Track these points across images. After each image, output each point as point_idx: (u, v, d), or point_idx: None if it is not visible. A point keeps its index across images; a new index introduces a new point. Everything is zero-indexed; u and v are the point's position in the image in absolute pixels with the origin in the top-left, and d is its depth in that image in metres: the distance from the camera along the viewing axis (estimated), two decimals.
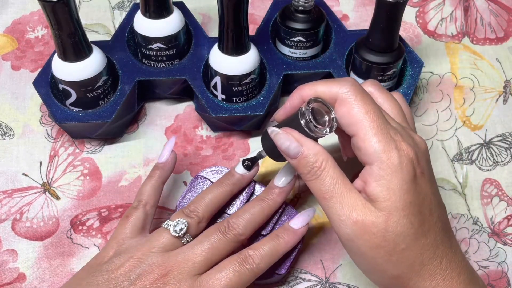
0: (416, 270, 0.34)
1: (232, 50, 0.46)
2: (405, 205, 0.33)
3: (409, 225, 0.33)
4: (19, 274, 0.44)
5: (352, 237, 0.34)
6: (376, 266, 0.34)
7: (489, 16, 0.62)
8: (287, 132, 0.36)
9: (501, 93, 0.56)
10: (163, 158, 0.44)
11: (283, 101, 0.54)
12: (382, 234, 0.33)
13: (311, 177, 0.35)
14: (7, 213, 0.47)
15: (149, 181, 0.43)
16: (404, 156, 0.34)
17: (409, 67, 0.51)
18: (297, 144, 0.35)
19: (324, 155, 0.35)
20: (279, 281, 0.44)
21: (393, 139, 0.34)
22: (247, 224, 0.40)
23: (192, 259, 0.38)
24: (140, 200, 0.42)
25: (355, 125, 0.35)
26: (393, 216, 0.33)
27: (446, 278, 0.34)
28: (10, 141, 0.51)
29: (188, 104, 0.54)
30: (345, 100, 0.35)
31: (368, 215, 0.33)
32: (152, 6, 0.48)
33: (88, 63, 0.46)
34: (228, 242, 0.39)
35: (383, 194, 0.33)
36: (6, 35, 0.57)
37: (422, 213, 0.34)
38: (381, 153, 0.33)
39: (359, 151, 0.35)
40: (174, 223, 0.39)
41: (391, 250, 0.33)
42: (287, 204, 0.44)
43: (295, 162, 0.36)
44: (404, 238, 0.33)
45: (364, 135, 0.34)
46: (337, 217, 0.34)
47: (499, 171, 0.51)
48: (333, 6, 0.61)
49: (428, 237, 0.34)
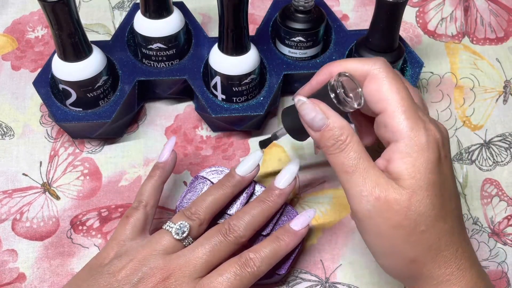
0: (432, 255, 0.34)
1: (232, 50, 0.46)
2: (429, 184, 0.33)
3: (431, 206, 0.33)
4: (19, 274, 0.44)
5: (372, 214, 0.33)
6: (393, 247, 0.34)
7: (489, 16, 0.62)
8: (314, 102, 0.36)
9: (501, 93, 0.56)
10: (163, 158, 0.44)
11: (283, 101, 0.54)
12: (404, 212, 0.33)
13: (335, 150, 0.35)
14: (7, 213, 0.47)
15: (149, 181, 0.43)
16: (432, 136, 0.34)
17: (409, 67, 0.51)
18: (323, 116, 0.35)
19: (350, 130, 0.35)
20: (279, 281, 0.44)
21: (422, 119, 0.34)
22: (248, 226, 0.40)
23: (193, 262, 0.37)
24: (140, 200, 0.41)
25: (384, 101, 0.35)
26: (417, 194, 0.33)
27: (460, 267, 0.34)
28: (10, 141, 0.51)
29: (188, 104, 0.54)
30: (376, 77, 0.35)
31: (391, 192, 0.33)
32: (152, 6, 0.48)
33: (88, 63, 0.46)
34: (229, 245, 0.39)
35: (409, 171, 0.33)
36: (6, 35, 0.57)
37: (443, 196, 0.34)
38: (409, 131, 0.33)
39: (384, 128, 0.35)
40: (176, 226, 0.39)
41: (411, 230, 0.33)
42: (287, 204, 0.44)
43: (318, 135, 0.35)
44: (425, 219, 0.33)
45: (392, 112, 0.34)
46: (359, 193, 0.34)
47: (499, 171, 0.51)
48: (333, 6, 0.61)
49: (446, 222, 0.34)
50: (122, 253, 0.38)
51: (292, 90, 0.53)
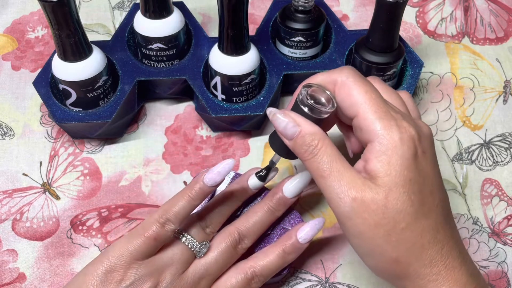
0: (416, 254, 0.33)
1: (232, 50, 0.46)
2: (405, 181, 0.33)
3: (409, 202, 0.33)
4: (19, 274, 0.44)
5: (351, 215, 0.33)
6: (375, 248, 0.34)
7: (489, 16, 0.62)
8: (284, 112, 0.36)
9: (501, 93, 0.56)
10: (213, 181, 0.39)
11: (283, 101, 0.54)
12: (382, 211, 0.33)
13: (308, 156, 0.35)
14: (7, 213, 0.47)
15: (189, 202, 0.39)
16: (405, 133, 0.34)
17: (409, 67, 0.51)
18: (294, 124, 0.36)
19: (321, 135, 0.35)
20: (279, 281, 0.44)
21: (394, 117, 0.34)
22: (256, 236, 0.41)
23: (207, 277, 0.39)
24: (172, 221, 0.38)
25: (355, 105, 0.35)
26: (393, 192, 0.33)
27: (447, 266, 0.34)
28: (10, 141, 0.51)
29: (188, 104, 0.54)
30: (345, 83, 0.36)
31: (367, 192, 0.33)
32: (152, 6, 0.48)
33: (88, 63, 0.46)
34: (238, 255, 0.41)
35: (384, 169, 0.33)
36: (6, 35, 0.57)
37: (422, 193, 0.34)
38: (381, 130, 0.34)
39: (360, 131, 0.35)
40: (201, 246, 0.39)
41: (390, 229, 0.33)
42: None
43: (292, 143, 0.36)
44: (404, 216, 0.33)
45: (364, 114, 0.34)
46: (336, 195, 0.34)
47: (499, 171, 0.51)
48: (333, 6, 0.61)
49: (428, 219, 0.34)
50: (144, 274, 0.37)
51: (292, 90, 0.53)
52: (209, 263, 0.39)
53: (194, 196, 0.38)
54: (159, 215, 0.38)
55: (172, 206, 0.38)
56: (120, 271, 0.37)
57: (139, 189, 0.49)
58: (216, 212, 0.41)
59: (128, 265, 0.37)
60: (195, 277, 0.38)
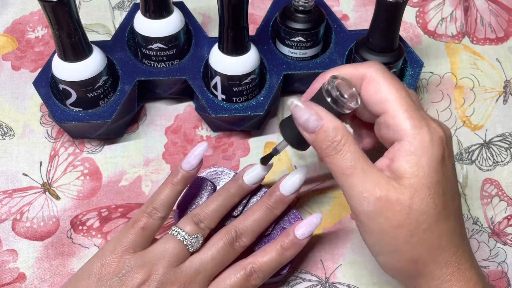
0: (434, 256, 0.33)
1: (232, 50, 0.46)
2: (432, 183, 0.33)
3: (433, 204, 0.33)
4: (19, 274, 0.44)
5: (374, 214, 0.33)
6: (395, 247, 0.34)
7: (489, 16, 0.62)
8: (307, 104, 0.35)
9: (501, 93, 0.56)
10: (190, 166, 0.41)
11: (283, 101, 0.54)
12: (406, 212, 0.32)
13: (331, 152, 0.34)
14: (7, 213, 0.47)
15: (170, 188, 0.40)
16: (436, 134, 0.33)
17: (409, 67, 0.51)
18: (317, 117, 0.34)
19: (345, 131, 0.34)
20: (279, 281, 0.44)
21: (424, 117, 0.34)
22: (253, 233, 0.41)
23: (203, 273, 0.39)
24: (157, 209, 0.40)
25: (384, 102, 0.34)
26: (419, 193, 0.32)
27: (460, 268, 0.34)
28: (10, 141, 0.51)
29: (188, 104, 0.54)
30: (373, 79, 0.35)
31: (392, 191, 0.33)
32: (152, 6, 0.48)
33: (88, 63, 0.46)
34: (235, 253, 0.40)
35: (412, 170, 0.33)
36: (6, 35, 0.57)
37: (445, 196, 0.33)
38: (412, 129, 0.33)
39: (387, 129, 0.35)
40: (191, 239, 0.39)
41: (413, 230, 0.33)
42: None
43: (313, 137, 0.35)
44: (427, 218, 0.33)
45: (394, 111, 0.34)
46: (359, 194, 0.33)
47: (499, 171, 0.51)
48: (333, 6, 0.61)
49: (448, 222, 0.34)
50: (135, 265, 0.37)
51: (292, 90, 0.53)
52: (205, 258, 0.39)
53: (176, 182, 0.40)
54: (146, 206, 0.40)
55: (157, 196, 0.40)
56: (113, 264, 0.37)
57: (139, 189, 0.49)
58: (211, 208, 0.41)
59: (120, 258, 0.38)
60: (189, 271, 0.38)
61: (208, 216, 0.40)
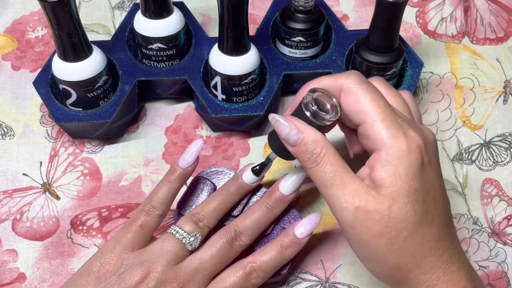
0: (417, 261, 0.34)
1: (232, 50, 0.46)
2: (410, 191, 0.33)
3: (413, 212, 0.33)
4: (19, 274, 0.44)
5: (354, 224, 0.34)
6: (377, 255, 0.34)
7: (489, 16, 0.62)
8: (287, 119, 0.36)
9: (501, 93, 0.56)
10: (186, 163, 0.41)
11: (283, 101, 0.54)
12: (385, 221, 0.33)
13: (311, 164, 0.35)
14: (7, 213, 0.47)
15: (167, 186, 0.41)
16: (413, 143, 0.33)
17: (409, 67, 0.51)
18: (297, 131, 0.35)
19: (324, 142, 0.35)
20: (279, 281, 0.44)
21: (401, 125, 0.34)
22: (253, 233, 0.41)
23: (202, 272, 0.39)
24: (155, 207, 0.40)
25: (362, 113, 0.35)
26: (397, 202, 0.33)
27: (446, 272, 0.34)
28: (10, 141, 0.51)
29: (188, 104, 0.54)
30: (351, 90, 0.36)
31: (371, 201, 0.33)
32: (152, 6, 0.48)
33: (88, 63, 0.46)
34: (235, 253, 0.40)
35: (389, 179, 0.33)
36: (6, 35, 0.57)
37: (426, 202, 0.34)
38: (389, 139, 0.33)
39: (367, 139, 0.35)
40: (190, 237, 0.39)
41: (393, 238, 0.33)
42: None
43: (295, 149, 0.36)
44: (407, 226, 0.33)
45: (371, 122, 0.34)
46: (339, 204, 0.34)
47: (499, 171, 0.51)
48: (333, 6, 0.61)
49: (430, 228, 0.34)
50: (133, 263, 0.38)
51: (292, 90, 0.53)
52: (204, 257, 0.39)
53: (173, 180, 0.41)
54: (144, 205, 0.40)
55: (155, 194, 0.40)
56: (111, 262, 0.38)
57: (139, 189, 0.49)
58: (210, 207, 0.41)
59: (118, 256, 0.38)
60: (188, 270, 0.38)
61: (207, 215, 0.41)
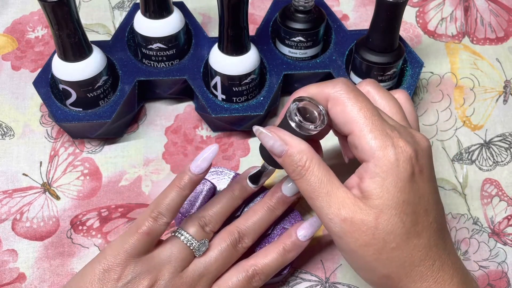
0: (406, 271, 0.33)
1: (232, 50, 0.46)
2: (397, 203, 0.33)
3: (401, 223, 0.33)
4: (19, 274, 0.44)
5: (341, 234, 0.33)
6: (366, 264, 0.34)
7: (489, 16, 0.62)
8: (271, 131, 0.35)
9: (501, 93, 0.56)
10: (199, 169, 0.39)
11: (283, 101, 0.54)
12: (372, 232, 0.33)
13: (296, 176, 0.35)
14: (7, 213, 0.47)
15: (176, 192, 0.39)
16: (401, 154, 0.33)
17: (409, 67, 0.51)
18: (281, 142, 0.35)
19: (309, 154, 0.34)
20: (279, 281, 0.44)
21: (390, 136, 0.33)
22: (256, 235, 0.41)
23: (207, 276, 0.39)
24: (163, 214, 0.38)
25: (350, 123, 0.34)
26: (384, 214, 0.32)
27: (437, 280, 0.34)
28: (10, 141, 0.51)
29: (188, 104, 0.54)
30: (338, 99, 0.35)
31: (357, 212, 0.33)
32: (152, 6, 0.48)
33: (88, 63, 0.46)
34: (238, 254, 0.40)
35: (377, 191, 0.33)
36: (6, 35, 0.57)
37: (416, 213, 0.33)
38: (377, 150, 0.33)
39: (355, 149, 0.34)
40: (199, 245, 0.39)
41: (380, 249, 0.33)
42: None
43: (280, 160, 0.35)
44: (395, 237, 0.33)
45: (359, 132, 0.33)
46: (325, 216, 0.34)
47: (499, 171, 0.51)
48: (333, 6, 0.61)
49: (421, 238, 0.33)
50: (141, 271, 0.37)
51: (292, 90, 0.53)
52: (208, 261, 0.39)
53: (183, 186, 0.38)
54: (151, 210, 0.38)
55: (163, 199, 0.38)
56: (117, 269, 0.37)
57: (139, 189, 0.49)
58: (216, 211, 0.41)
59: (125, 263, 0.37)
60: (194, 275, 0.38)
61: (212, 220, 0.41)
